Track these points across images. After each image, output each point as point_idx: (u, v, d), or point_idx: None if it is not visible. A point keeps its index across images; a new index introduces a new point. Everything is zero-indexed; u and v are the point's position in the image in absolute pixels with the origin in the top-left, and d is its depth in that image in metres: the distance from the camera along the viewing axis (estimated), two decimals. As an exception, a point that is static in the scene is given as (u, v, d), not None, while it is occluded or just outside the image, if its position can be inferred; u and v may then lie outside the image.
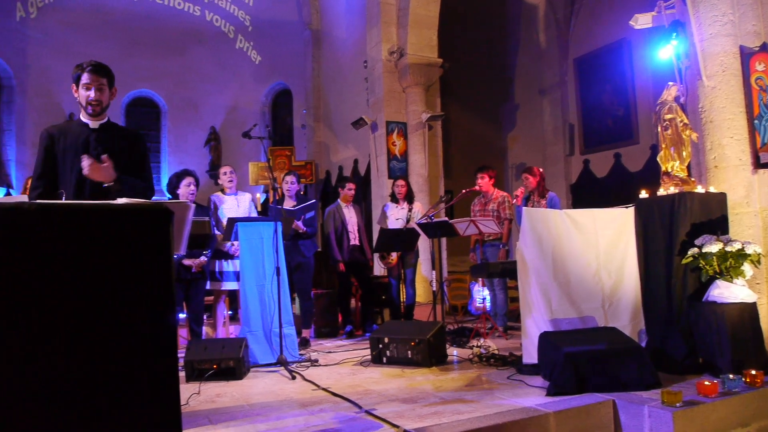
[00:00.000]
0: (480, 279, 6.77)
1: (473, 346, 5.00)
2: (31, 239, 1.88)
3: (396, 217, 6.88)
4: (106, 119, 3.19)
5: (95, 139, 3.10)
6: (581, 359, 3.46)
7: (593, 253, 4.34)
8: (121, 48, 11.97)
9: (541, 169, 6.48)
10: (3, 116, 11.38)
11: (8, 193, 10.64)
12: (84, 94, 3.08)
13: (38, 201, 2.14)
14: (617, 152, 10.27)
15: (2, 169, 11.26)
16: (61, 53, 11.44)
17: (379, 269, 7.80)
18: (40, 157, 3.11)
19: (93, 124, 3.14)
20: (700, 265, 3.88)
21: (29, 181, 5.92)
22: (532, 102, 11.97)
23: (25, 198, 2.12)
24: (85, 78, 3.05)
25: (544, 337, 3.86)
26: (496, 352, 4.77)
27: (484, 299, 6.55)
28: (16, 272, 1.87)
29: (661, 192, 4.26)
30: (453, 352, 5.21)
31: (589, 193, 10.70)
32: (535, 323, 4.15)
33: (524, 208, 4.54)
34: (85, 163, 2.91)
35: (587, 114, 10.94)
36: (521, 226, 4.29)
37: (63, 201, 2.72)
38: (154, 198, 3.26)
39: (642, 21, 5.16)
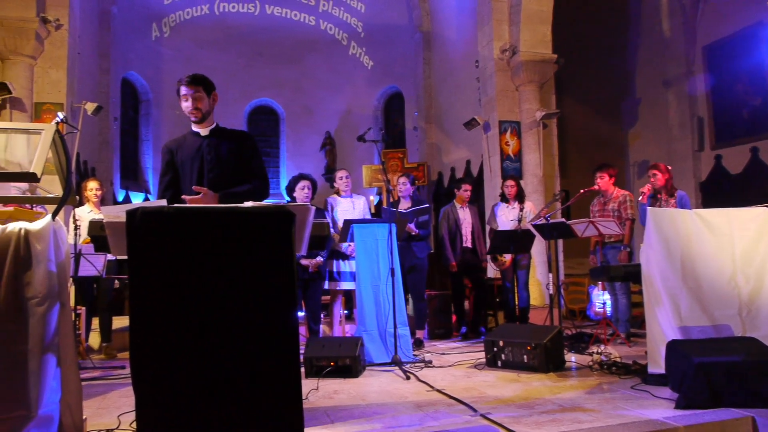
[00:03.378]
0: (600, 282, 6.48)
1: (593, 352, 4.80)
2: (169, 238, 2.06)
3: (509, 218, 6.75)
4: (214, 125, 3.40)
5: (207, 145, 3.33)
6: (715, 370, 3.21)
7: (728, 256, 4.01)
8: (243, 60, 12.71)
9: (669, 167, 6.09)
10: (141, 128, 12.45)
11: (146, 198, 11.61)
12: (184, 105, 3.31)
13: (175, 205, 2.32)
14: (754, 146, 9.43)
15: (141, 176, 12.31)
16: (191, 67, 12.21)
17: (492, 271, 7.69)
18: (163, 170, 3.39)
19: (203, 131, 3.36)
20: None
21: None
22: (655, 95, 11.27)
23: (163, 202, 2.30)
24: (182, 91, 3.29)
25: (673, 346, 3.62)
26: (618, 359, 4.54)
27: (604, 304, 6.26)
28: (157, 268, 2.05)
29: (809, 189, 3.86)
30: (571, 358, 5.03)
31: (722, 191, 9.91)
32: (661, 330, 3.91)
33: (649, 207, 4.29)
34: (187, 200, 3.11)
35: (719, 106, 10.13)
36: (646, 226, 4.05)
37: (195, 206, 2.93)
38: (275, 201, 3.41)
39: (784, 2, 4.70)
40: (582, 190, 6.16)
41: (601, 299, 6.38)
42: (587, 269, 6.91)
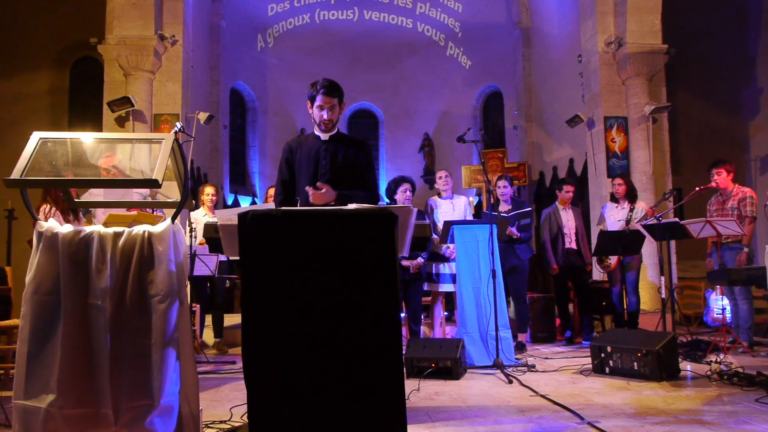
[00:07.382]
0: (718, 287, 6.06)
1: (711, 361, 4.50)
2: (278, 239, 2.15)
3: (617, 218, 6.46)
4: (336, 131, 3.47)
5: (325, 149, 3.40)
6: None
7: None
8: (343, 65, 13.00)
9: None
10: (248, 134, 13.07)
11: (253, 202, 12.15)
12: (318, 114, 3.35)
13: (283, 208, 2.42)
14: None
15: (248, 180, 12.91)
16: (293, 75, 12.79)
17: (598, 274, 7.39)
18: (282, 167, 3.48)
19: (324, 136, 3.43)
20: None
21: (270, 191, 6.67)
22: (780, 83, 10.40)
23: (270, 206, 2.41)
24: (318, 100, 3.31)
25: (805, 356, 3.32)
26: (740, 369, 4.23)
27: (723, 309, 5.84)
28: (266, 268, 2.14)
29: None
30: (686, 366, 4.74)
31: None
32: (791, 339, 3.59)
33: (775, 206, 3.96)
34: (310, 192, 3.17)
35: None
36: (771, 226, 3.74)
37: (300, 207, 3.03)
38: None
39: None
40: (698, 188, 5.78)
41: (720, 304, 5.96)
42: (703, 272, 6.47)
